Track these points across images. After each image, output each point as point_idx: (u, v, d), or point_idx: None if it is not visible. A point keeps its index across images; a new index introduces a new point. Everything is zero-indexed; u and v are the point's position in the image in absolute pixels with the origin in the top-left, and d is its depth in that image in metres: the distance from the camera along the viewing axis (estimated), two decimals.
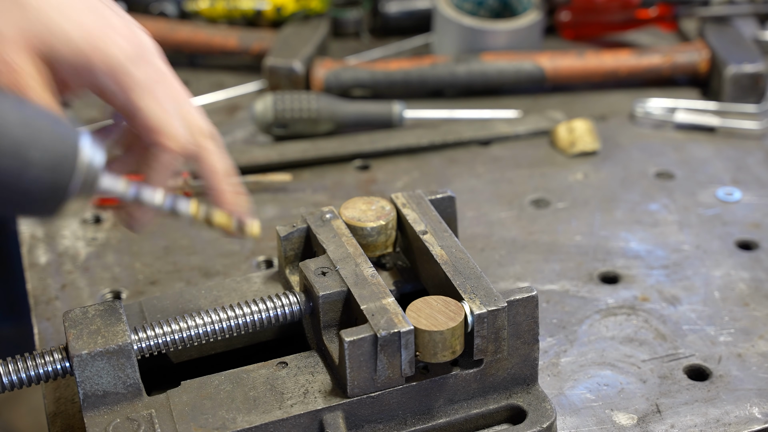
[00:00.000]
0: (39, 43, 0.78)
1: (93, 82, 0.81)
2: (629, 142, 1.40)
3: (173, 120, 0.83)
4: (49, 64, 0.79)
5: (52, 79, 0.80)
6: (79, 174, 0.74)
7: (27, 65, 0.78)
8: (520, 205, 1.27)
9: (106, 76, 0.81)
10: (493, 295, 0.88)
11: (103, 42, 0.80)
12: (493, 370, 0.91)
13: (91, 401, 0.86)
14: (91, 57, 0.80)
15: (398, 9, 1.64)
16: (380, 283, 0.90)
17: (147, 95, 0.82)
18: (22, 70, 0.77)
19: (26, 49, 0.78)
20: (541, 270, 1.16)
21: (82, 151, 0.74)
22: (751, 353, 1.04)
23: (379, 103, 1.41)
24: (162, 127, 0.83)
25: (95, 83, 0.81)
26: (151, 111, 0.82)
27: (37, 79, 0.78)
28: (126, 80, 0.81)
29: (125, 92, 0.81)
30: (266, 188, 1.30)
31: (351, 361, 0.85)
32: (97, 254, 1.19)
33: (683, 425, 0.96)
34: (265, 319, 0.91)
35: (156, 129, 0.83)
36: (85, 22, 0.80)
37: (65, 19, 0.79)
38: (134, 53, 0.81)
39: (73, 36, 0.79)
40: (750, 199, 1.28)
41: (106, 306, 0.89)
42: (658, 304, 1.10)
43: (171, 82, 0.85)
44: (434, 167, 1.35)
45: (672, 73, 1.50)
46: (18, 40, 0.77)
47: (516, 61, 1.48)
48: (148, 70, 0.82)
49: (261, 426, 0.85)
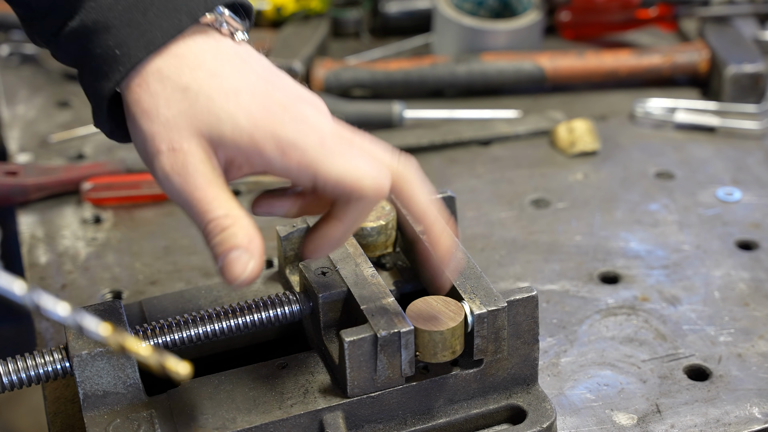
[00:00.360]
0: (206, 129, 0.78)
1: (266, 165, 0.80)
2: (629, 142, 1.40)
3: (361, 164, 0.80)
4: (218, 147, 0.79)
5: (221, 159, 0.80)
6: None
7: (196, 150, 0.78)
8: (520, 205, 1.27)
9: (279, 157, 0.79)
10: (493, 295, 0.88)
11: (268, 122, 0.79)
12: (493, 370, 0.91)
13: (91, 401, 0.86)
14: (259, 140, 0.79)
15: (398, 9, 1.64)
16: (380, 283, 0.90)
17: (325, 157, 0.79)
18: (189, 153, 0.78)
19: (195, 135, 0.78)
20: (541, 270, 1.16)
21: None
22: (751, 353, 1.04)
23: (379, 103, 1.41)
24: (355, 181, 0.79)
25: (268, 165, 0.80)
26: (336, 170, 0.79)
27: (203, 160, 0.78)
28: (298, 155, 0.79)
29: (303, 166, 0.79)
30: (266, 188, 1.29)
31: (351, 361, 0.85)
32: (97, 254, 1.19)
33: (683, 425, 0.96)
34: (265, 319, 0.91)
35: (349, 186, 0.79)
36: (248, 105, 0.79)
37: (230, 104, 0.79)
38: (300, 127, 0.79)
39: (239, 119, 0.79)
40: (750, 199, 1.28)
41: (106, 306, 0.89)
42: (658, 304, 1.10)
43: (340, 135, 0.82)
44: (434, 167, 1.35)
45: (672, 73, 1.50)
46: (186, 127, 0.78)
47: (516, 61, 1.48)
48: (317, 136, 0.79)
49: (261, 426, 0.85)
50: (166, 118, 0.78)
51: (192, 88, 0.79)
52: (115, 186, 1.26)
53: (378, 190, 0.80)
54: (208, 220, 0.78)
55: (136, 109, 0.80)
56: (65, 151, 1.37)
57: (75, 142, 1.39)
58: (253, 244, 0.78)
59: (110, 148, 1.37)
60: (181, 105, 0.79)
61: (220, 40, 0.82)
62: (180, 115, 0.78)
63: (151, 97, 0.79)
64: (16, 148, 1.38)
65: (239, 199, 1.28)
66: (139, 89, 0.80)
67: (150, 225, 1.23)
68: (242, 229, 0.78)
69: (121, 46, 0.79)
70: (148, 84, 0.79)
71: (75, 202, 1.27)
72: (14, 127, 1.43)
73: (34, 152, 1.37)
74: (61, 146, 1.39)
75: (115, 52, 0.79)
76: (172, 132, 0.78)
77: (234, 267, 0.77)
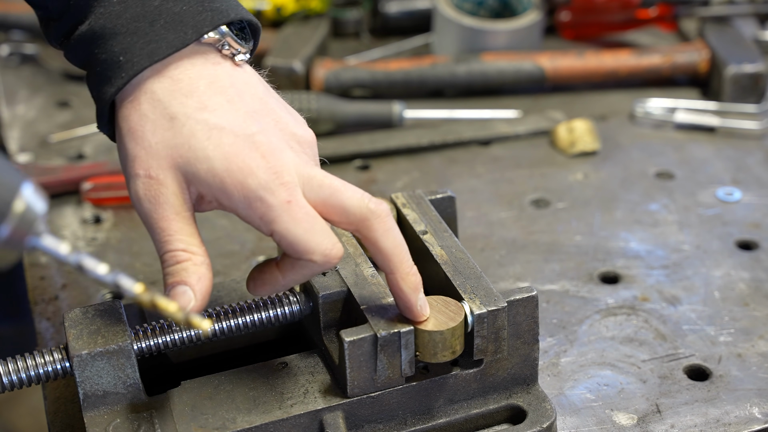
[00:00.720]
0: (183, 163, 0.82)
1: (233, 209, 0.83)
2: (629, 142, 1.40)
3: (317, 234, 0.82)
4: (191, 183, 0.83)
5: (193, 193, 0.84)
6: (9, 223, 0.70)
7: (168, 179, 0.82)
8: (520, 205, 1.27)
9: (245, 206, 0.82)
10: (493, 295, 0.88)
11: (239, 170, 0.81)
12: (493, 370, 0.91)
13: (91, 401, 0.86)
14: (229, 187, 0.81)
15: (398, 9, 1.64)
16: (380, 283, 0.90)
17: (287, 219, 0.81)
18: (163, 184, 0.82)
19: (172, 167, 0.82)
20: (541, 270, 1.16)
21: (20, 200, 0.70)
22: (751, 353, 1.04)
23: (379, 103, 1.41)
24: (307, 247, 0.82)
25: (235, 210, 0.83)
26: (292, 233, 0.81)
27: (176, 193, 0.82)
28: (263, 210, 0.81)
29: (265, 221, 0.82)
30: None
31: (351, 361, 0.85)
32: (97, 254, 1.19)
33: (683, 425, 0.96)
34: (265, 319, 0.91)
35: (301, 250, 0.82)
36: (227, 150, 0.82)
37: (211, 144, 0.82)
38: (270, 181, 0.81)
39: (214, 161, 0.81)
40: (750, 199, 1.28)
41: (106, 306, 0.89)
42: (658, 304, 1.11)
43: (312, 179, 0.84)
44: (434, 167, 1.35)
45: (672, 73, 1.50)
46: (165, 157, 0.82)
47: (516, 61, 1.48)
48: (285, 196, 0.81)
49: (261, 426, 0.85)
50: (149, 143, 0.82)
51: (179, 118, 0.82)
52: (115, 186, 1.26)
53: (327, 262, 0.82)
54: (166, 250, 0.83)
55: (124, 126, 0.83)
56: (65, 151, 1.37)
57: (75, 142, 1.39)
58: (200, 284, 0.82)
59: (110, 148, 1.37)
60: (165, 134, 0.82)
61: (218, 64, 0.85)
62: (162, 144, 0.82)
63: (140, 118, 0.83)
64: (16, 148, 1.38)
65: None
66: (131, 106, 0.83)
67: None
68: (195, 267, 0.82)
69: (125, 53, 0.82)
70: (140, 103, 0.83)
71: (75, 202, 1.27)
72: (14, 127, 1.43)
73: (34, 152, 1.37)
74: (61, 146, 1.39)
75: (120, 58, 0.82)
76: (151, 159, 0.82)
77: (179, 300, 0.82)
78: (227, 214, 1.24)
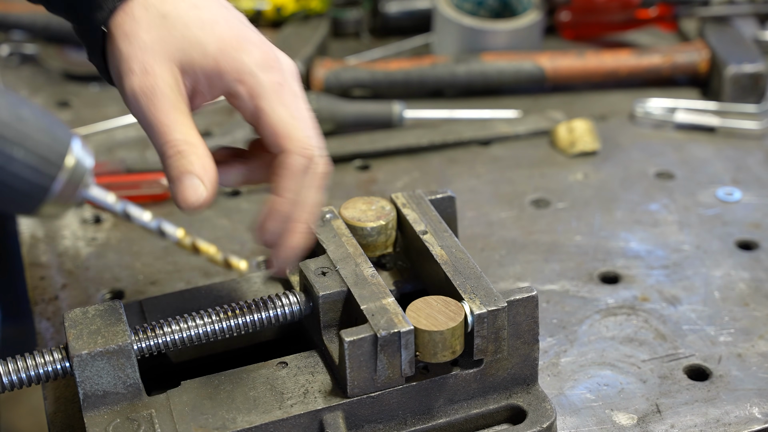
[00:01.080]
0: (178, 53, 0.83)
1: (224, 88, 0.84)
2: (629, 142, 1.40)
3: (300, 124, 0.84)
4: (186, 73, 0.84)
5: (187, 87, 0.85)
6: (62, 176, 0.74)
7: (164, 73, 0.83)
8: (520, 205, 1.27)
9: (235, 81, 0.83)
10: (493, 295, 0.88)
11: (234, 50, 0.84)
12: (493, 370, 0.91)
13: (91, 401, 0.86)
14: (222, 63, 0.83)
15: (398, 9, 1.64)
16: (380, 283, 0.90)
17: (274, 99, 0.83)
18: (159, 77, 0.83)
19: (166, 58, 0.83)
20: (541, 270, 1.16)
21: (70, 155, 0.75)
22: (751, 353, 1.04)
23: (379, 103, 1.41)
24: (288, 130, 0.83)
25: (226, 89, 0.84)
26: (277, 115, 0.83)
27: (171, 86, 0.83)
28: (253, 84, 0.83)
29: (252, 97, 0.83)
30: (266, 188, 1.29)
31: (351, 361, 0.85)
32: (97, 254, 1.19)
33: (683, 425, 0.96)
34: (265, 319, 0.91)
35: (281, 133, 0.83)
36: (221, 34, 0.84)
37: (204, 32, 0.84)
38: (263, 61, 0.84)
39: (208, 46, 0.84)
40: (750, 199, 1.28)
41: (106, 306, 0.89)
42: (658, 304, 1.10)
43: (299, 95, 0.86)
44: (434, 167, 1.35)
45: (672, 73, 1.50)
46: (159, 50, 0.83)
47: (516, 61, 1.48)
48: (276, 78, 0.84)
49: (261, 426, 0.85)
50: (144, 41, 0.83)
51: (172, 15, 0.84)
52: (115, 186, 1.26)
53: (304, 150, 0.83)
54: (165, 140, 0.82)
55: (118, 32, 0.84)
56: None
57: None
58: (208, 174, 0.82)
59: (110, 148, 1.37)
60: (159, 31, 0.83)
61: None
62: (157, 40, 0.83)
63: (134, 22, 0.84)
64: None
65: (238, 198, 1.29)
66: (124, 15, 0.84)
67: None
68: (199, 157, 0.82)
69: None
70: (132, 10, 0.84)
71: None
72: None
73: None
74: None
75: None
76: (146, 55, 0.83)
77: (187, 192, 0.81)
78: (227, 214, 1.25)
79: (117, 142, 1.38)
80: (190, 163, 0.82)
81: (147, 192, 1.26)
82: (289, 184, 0.84)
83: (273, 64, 0.85)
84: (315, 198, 0.86)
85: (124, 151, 1.36)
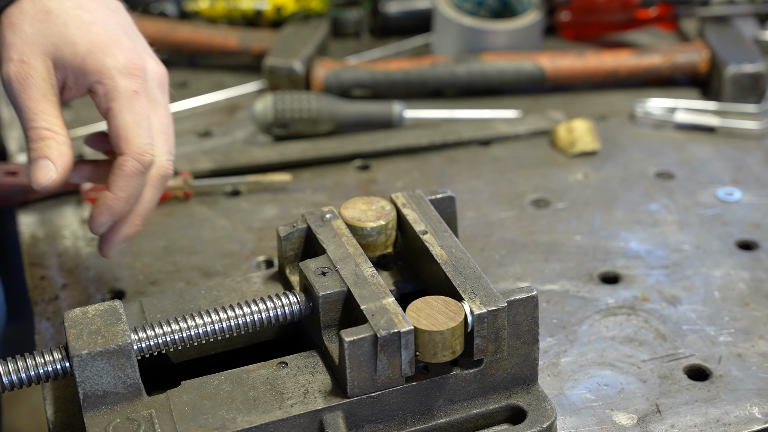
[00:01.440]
0: (52, 48, 0.93)
1: (87, 86, 0.94)
2: (629, 142, 1.40)
3: (141, 132, 0.93)
4: (57, 67, 0.93)
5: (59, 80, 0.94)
6: None
7: (38, 64, 0.92)
8: (520, 205, 1.27)
9: (95, 81, 0.93)
10: (493, 295, 0.88)
11: (102, 52, 0.93)
12: (493, 370, 0.91)
13: (91, 401, 0.86)
14: (88, 63, 0.92)
15: (398, 9, 1.64)
16: (380, 283, 0.90)
17: (124, 104, 0.92)
18: (33, 68, 0.92)
19: (42, 51, 0.93)
20: (541, 270, 1.16)
21: None
22: (751, 353, 1.04)
23: (379, 103, 1.41)
24: (128, 135, 0.92)
25: (88, 87, 0.94)
26: (122, 118, 0.92)
27: (44, 77, 0.92)
28: (110, 87, 0.92)
29: (107, 99, 0.93)
30: (266, 188, 1.30)
31: (351, 361, 0.85)
32: (98, 254, 1.18)
33: (683, 425, 0.96)
34: (265, 319, 0.91)
35: (122, 136, 0.92)
36: (94, 36, 0.93)
37: (79, 32, 0.93)
38: (126, 67, 0.93)
39: (79, 45, 0.93)
40: (750, 199, 1.28)
41: (106, 306, 0.89)
42: (658, 304, 1.10)
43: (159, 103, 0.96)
44: (434, 167, 1.35)
45: (672, 73, 1.50)
46: (37, 43, 0.93)
47: (516, 61, 1.48)
48: (134, 85, 0.93)
49: (261, 426, 0.85)
50: (26, 33, 0.93)
51: (55, 12, 0.94)
52: None
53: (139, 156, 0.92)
54: (31, 126, 0.92)
55: (6, 22, 0.94)
56: None
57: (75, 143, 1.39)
58: (62, 160, 0.92)
59: None
60: (41, 25, 0.93)
61: None
62: (38, 34, 0.93)
63: (20, 13, 0.94)
64: (16, 148, 1.38)
65: (238, 198, 1.29)
66: (15, 9, 0.94)
67: (150, 225, 1.23)
68: (57, 144, 0.92)
69: None
70: (22, 6, 0.94)
71: (75, 202, 1.27)
72: (14, 127, 1.43)
73: None
74: None
75: None
76: (25, 46, 0.93)
77: (39, 173, 0.91)
78: (227, 214, 1.25)
79: None
80: (48, 147, 0.91)
81: None
82: (121, 183, 0.93)
83: (136, 71, 0.93)
84: (148, 196, 0.96)
85: None
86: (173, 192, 1.27)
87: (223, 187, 1.29)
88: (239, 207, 1.27)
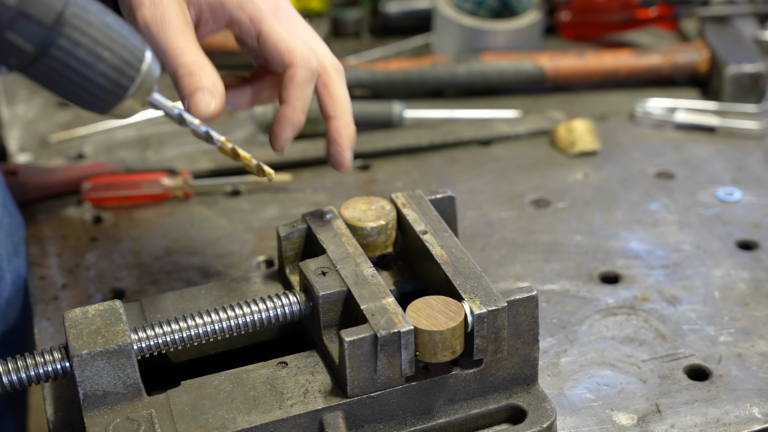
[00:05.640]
0: None
1: (226, 17, 0.94)
2: (629, 142, 1.40)
3: (298, 40, 0.93)
4: (191, 3, 0.93)
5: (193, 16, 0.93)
6: (137, 80, 0.83)
7: (174, 5, 0.91)
8: (520, 205, 1.27)
9: (237, 8, 0.93)
10: (493, 295, 0.88)
11: None
12: (493, 370, 0.91)
13: (91, 401, 0.86)
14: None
15: (398, 9, 1.64)
16: (380, 283, 0.90)
17: (273, 21, 0.93)
18: (167, 7, 0.91)
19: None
20: (541, 270, 1.16)
21: (144, 62, 0.83)
22: (751, 353, 1.04)
23: (379, 103, 1.41)
24: (289, 46, 0.93)
25: (228, 17, 0.93)
26: (277, 34, 0.93)
27: (178, 14, 0.91)
28: (253, 10, 0.92)
29: (254, 22, 0.93)
30: (266, 188, 1.30)
31: (351, 361, 0.85)
32: (97, 254, 1.19)
33: (683, 425, 0.96)
34: (265, 319, 0.91)
35: (283, 49, 0.93)
36: None
37: None
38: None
39: None
40: (750, 199, 1.28)
41: (106, 306, 0.89)
42: (658, 304, 1.11)
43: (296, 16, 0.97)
44: (434, 167, 1.35)
45: (672, 73, 1.50)
46: None
47: (516, 61, 1.48)
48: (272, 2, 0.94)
49: (261, 426, 0.85)
50: None
51: None
52: (115, 186, 1.26)
53: (306, 62, 0.93)
54: (177, 64, 0.91)
55: None
56: (65, 151, 1.37)
57: (75, 142, 1.39)
58: (216, 87, 0.91)
59: (110, 148, 1.37)
60: None
61: None
62: None
63: None
64: (16, 148, 1.38)
65: (238, 198, 1.29)
66: None
67: (150, 225, 1.23)
68: (207, 75, 0.91)
69: None
70: None
71: (75, 202, 1.27)
72: (14, 127, 1.43)
73: (34, 152, 1.37)
74: (61, 146, 1.39)
75: None
76: None
77: (199, 105, 0.90)
78: (227, 214, 1.25)
79: (117, 142, 1.39)
80: (200, 80, 0.90)
81: (147, 192, 1.26)
82: (296, 93, 0.94)
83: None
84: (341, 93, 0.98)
85: (124, 151, 1.36)
86: (173, 192, 1.27)
87: (223, 187, 1.29)
88: (239, 207, 1.27)
